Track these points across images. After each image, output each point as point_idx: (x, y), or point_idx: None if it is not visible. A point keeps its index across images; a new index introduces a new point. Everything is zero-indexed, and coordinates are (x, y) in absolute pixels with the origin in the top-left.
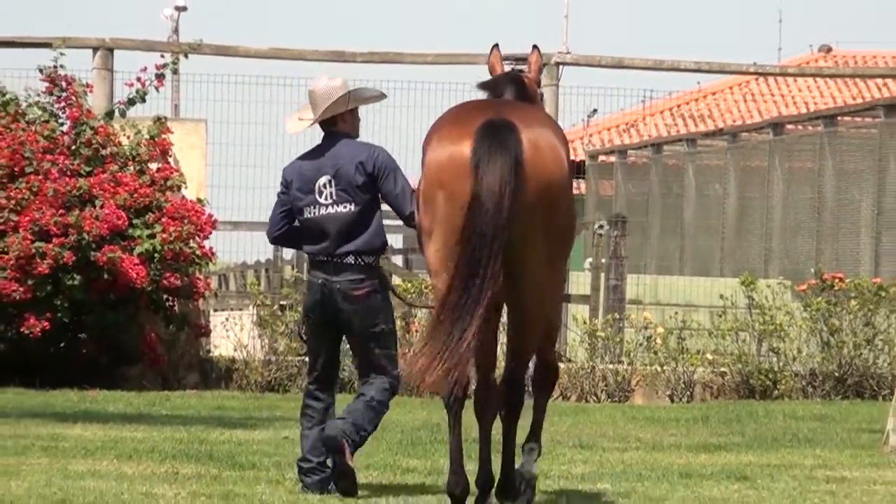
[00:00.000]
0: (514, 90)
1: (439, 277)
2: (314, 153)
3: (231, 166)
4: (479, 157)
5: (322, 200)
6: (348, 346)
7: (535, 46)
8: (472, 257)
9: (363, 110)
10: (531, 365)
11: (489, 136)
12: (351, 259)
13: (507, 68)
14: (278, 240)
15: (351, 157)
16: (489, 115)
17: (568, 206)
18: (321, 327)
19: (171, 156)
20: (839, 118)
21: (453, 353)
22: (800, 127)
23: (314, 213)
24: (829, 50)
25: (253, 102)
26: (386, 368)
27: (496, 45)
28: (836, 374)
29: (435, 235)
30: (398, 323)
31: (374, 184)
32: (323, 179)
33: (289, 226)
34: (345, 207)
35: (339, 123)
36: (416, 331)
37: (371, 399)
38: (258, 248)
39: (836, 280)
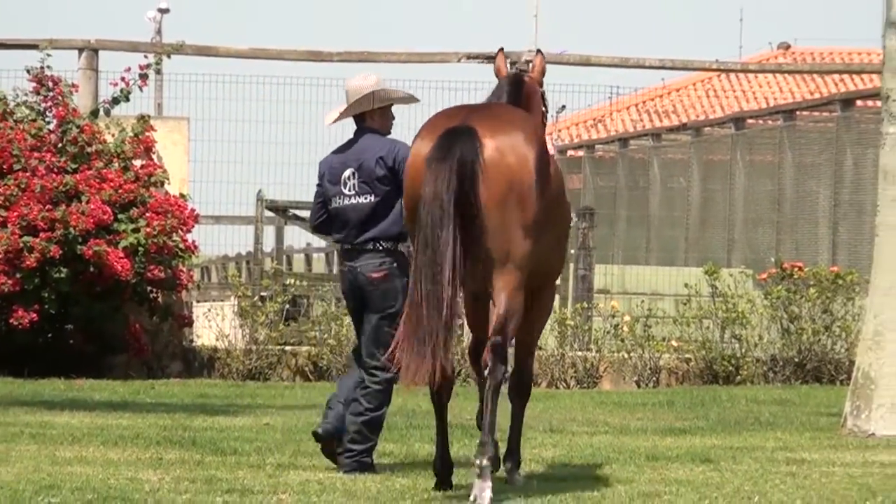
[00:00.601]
0: (510, 92)
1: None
2: (344, 147)
3: (213, 162)
4: (429, 163)
5: (346, 191)
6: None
7: (538, 50)
8: (427, 258)
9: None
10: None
11: (444, 142)
12: (370, 245)
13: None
14: (318, 228)
15: (374, 152)
16: (455, 122)
17: (543, 203)
18: (354, 312)
19: (154, 153)
20: (798, 113)
21: (423, 350)
22: (760, 122)
23: (339, 203)
24: (788, 47)
25: (234, 100)
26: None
27: (501, 49)
28: (796, 360)
29: (413, 233)
30: None
31: (394, 177)
32: (347, 172)
33: (326, 215)
34: (365, 199)
35: (367, 120)
36: None
37: (365, 411)
38: (239, 241)
39: (796, 269)
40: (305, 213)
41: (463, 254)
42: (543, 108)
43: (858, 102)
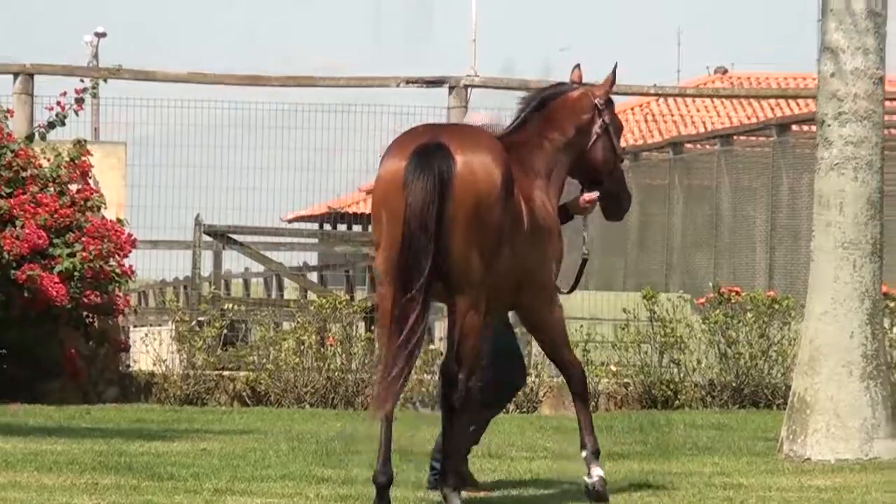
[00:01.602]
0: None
1: (383, 285)
2: None
3: (150, 187)
4: (406, 177)
5: None
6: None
7: (577, 65)
8: (406, 271)
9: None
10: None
11: (418, 158)
12: None
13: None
14: None
15: None
16: (424, 140)
17: (505, 224)
18: None
19: (91, 177)
20: (735, 137)
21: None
22: (698, 146)
23: None
24: (725, 72)
25: (171, 125)
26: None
27: (577, 66)
28: (734, 385)
29: (381, 247)
30: (313, 337)
31: None
32: None
33: None
34: None
35: None
36: (332, 344)
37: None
38: (177, 265)
39: (733, 293)
40: (244, 238)
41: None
42: (601, 125)
43: (794, 127)
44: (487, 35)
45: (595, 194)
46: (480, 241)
